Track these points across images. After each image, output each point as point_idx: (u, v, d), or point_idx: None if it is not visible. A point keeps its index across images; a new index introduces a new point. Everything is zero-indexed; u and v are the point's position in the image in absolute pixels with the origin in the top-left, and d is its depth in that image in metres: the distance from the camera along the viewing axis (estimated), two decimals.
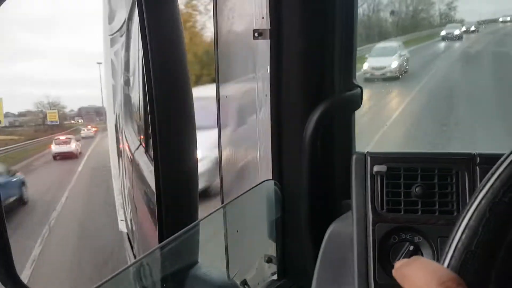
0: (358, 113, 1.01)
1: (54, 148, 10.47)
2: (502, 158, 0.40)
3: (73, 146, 10.53)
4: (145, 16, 0.95)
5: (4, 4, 0.84)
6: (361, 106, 1.00)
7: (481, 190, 0.39)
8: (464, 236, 0.38)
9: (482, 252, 0.37)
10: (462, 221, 0.39)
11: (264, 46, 0.96)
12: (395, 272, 0.38)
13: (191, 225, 0.74)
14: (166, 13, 1.01)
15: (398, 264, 0.38)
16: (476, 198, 0.39)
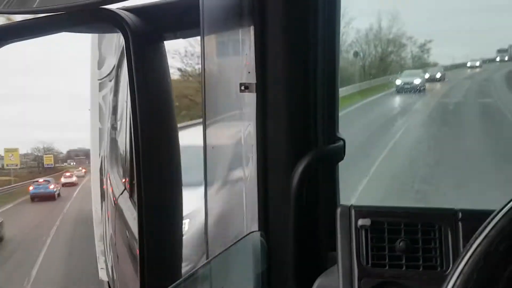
0: None
1: (63, 180, 16.50)
2: (499, 208, 0.41)
3: (74, 179, 16.65)
4: (133, 65, 0.97)
5: None
6: None
7: (476, 238, 0.40)
8: (458, 281, 0.38)
9: None
10: (457, 267, 0.39)
11: (250, 98, 0.99)
12: None
13: (175, 284, 0.72)
14: (154, 60, 1.04)
15: None
16: (471, 245, 0.40)
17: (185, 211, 1.01)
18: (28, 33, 1.00)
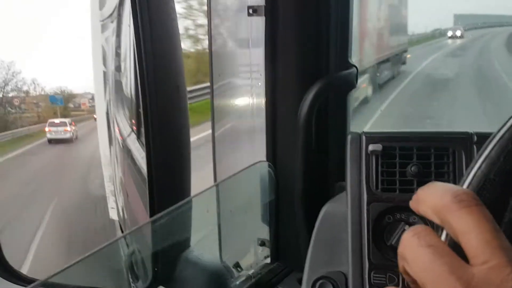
0: None
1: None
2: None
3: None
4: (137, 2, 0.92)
5: None
6: None
7: (503, 126, 0.40)
8: (484, 165, 0.38)
9: (500, 180, 0.37)
10: (482, 152, 0.39)
11: (258, 23, 0.94)
12: (411, 202, 0.37)
13: (183, 202, 0.72)
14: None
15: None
16: (498, 132, 0.40)
17: None
18: None
